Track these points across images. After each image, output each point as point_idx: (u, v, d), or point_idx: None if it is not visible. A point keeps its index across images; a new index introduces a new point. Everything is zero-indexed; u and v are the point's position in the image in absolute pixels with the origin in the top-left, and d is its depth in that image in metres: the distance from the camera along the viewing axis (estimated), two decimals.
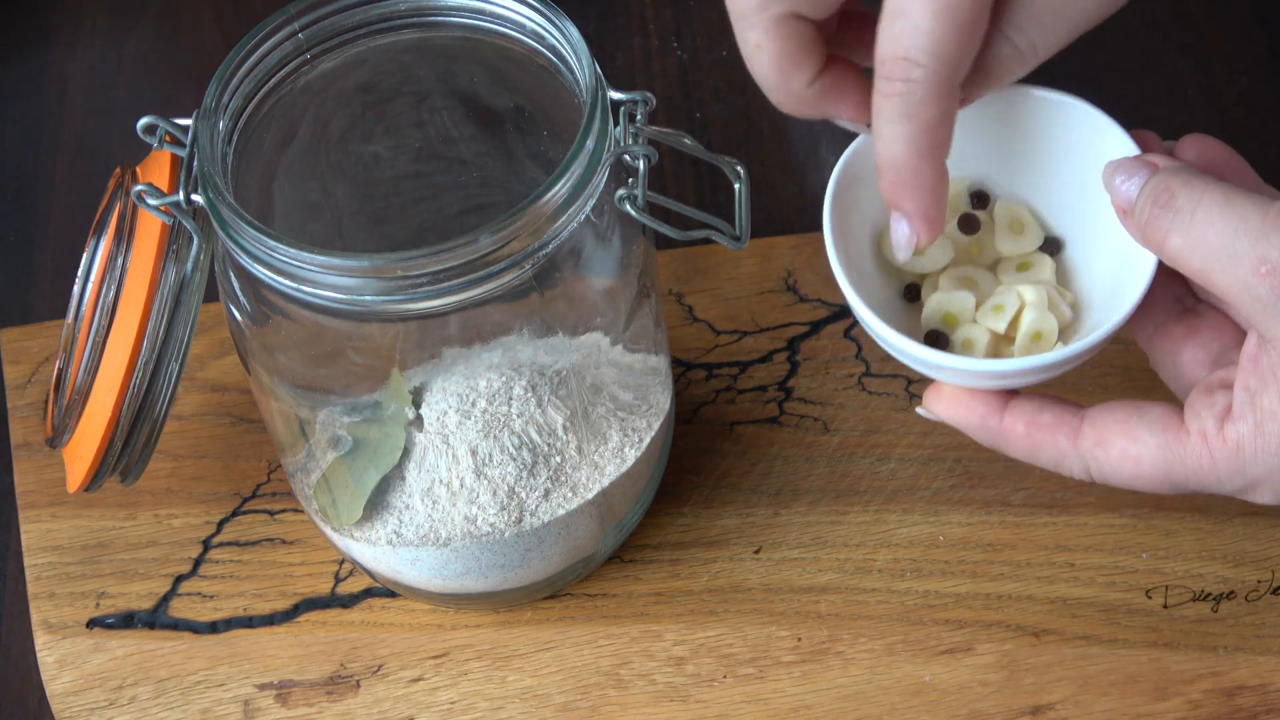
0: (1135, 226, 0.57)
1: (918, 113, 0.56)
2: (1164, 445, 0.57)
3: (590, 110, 0.60)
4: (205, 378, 0.78)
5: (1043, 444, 0.59)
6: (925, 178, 0.57)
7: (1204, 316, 0.59)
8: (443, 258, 0.57)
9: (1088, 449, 0.58)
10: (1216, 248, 0.55)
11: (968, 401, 0.60)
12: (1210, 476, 0.56)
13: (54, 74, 0.91)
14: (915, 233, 0.59)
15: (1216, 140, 0.59)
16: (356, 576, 0.73)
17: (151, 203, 0.62)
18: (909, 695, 0.68)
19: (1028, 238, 0.63)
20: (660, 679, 0.69)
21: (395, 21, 0.65)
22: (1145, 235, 0.57)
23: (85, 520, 0.75)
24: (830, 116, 0.61)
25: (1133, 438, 0.57)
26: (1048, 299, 0.61)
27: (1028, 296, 0.61)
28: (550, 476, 0.66)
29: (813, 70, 0.59)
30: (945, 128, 0.57)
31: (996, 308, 0.61)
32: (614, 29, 0.90)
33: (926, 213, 0.58)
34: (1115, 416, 0.58)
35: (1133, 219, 0.57)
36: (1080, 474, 0.59)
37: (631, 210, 0.61)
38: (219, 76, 0.62)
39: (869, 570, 0.71)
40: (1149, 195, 0.56)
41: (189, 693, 0.70)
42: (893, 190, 0.58)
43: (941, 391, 0.60)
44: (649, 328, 0.67)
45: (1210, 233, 0.55)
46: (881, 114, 0.57)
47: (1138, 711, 0.68)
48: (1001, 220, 0.63)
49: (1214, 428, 0.56)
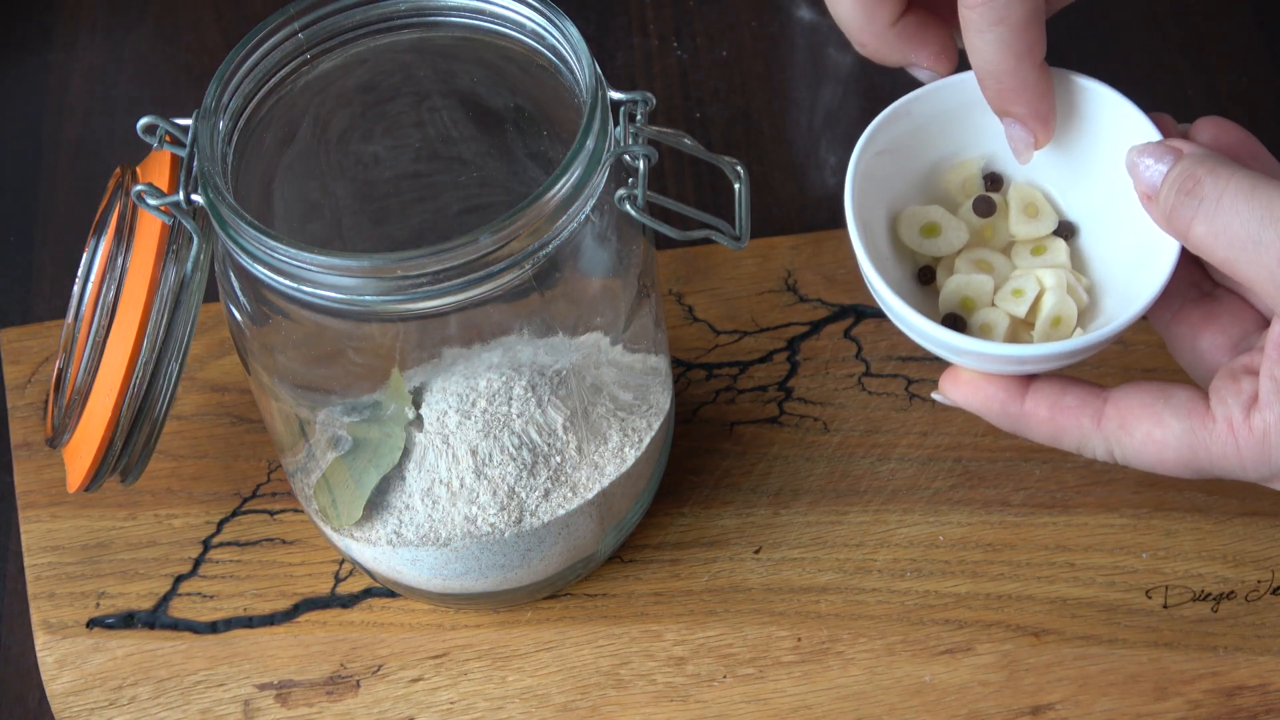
0: (1159, 213, 0.57)
1: (1007, 16, 0.57)
2: (1189, 431, 0.56)
3: (590, 110, 0.60)
4: (205, 378, 0.78)
5: (1066, 427, 0.59)
6: (1028, 78, 0.58)
7: (1223, 301, 0.59)
8: (443, 258, 0.57)
9: (1111, 431, 0.58)
10: (1242, 236, 0.54)
11: (987, 387, 0.59)
12: (1235, 464, 0.56)
13: (54, 74, 0.91)
14: (1031, 133, 0.59)
15: (1232, 123, 0.59)
16: (356, 576, 0.73)
17: (151, 203, 0.62)
18: (909, 695, 0.68)
19: (1042, 221, 0.63)
20: (660, 679, 0.69)
21: (395, 21, 0.65)
22: (1170, 222, 0.56)
23: (85, 520, 0.75)
24: (909, 64, 0.62)
25: (1158, 421, 0.57)
26: (1066, 284, 0.61)
27: (1047, 281, 0.61)
28: (550, 476, 0.66)
29: (896, 9, 0.60)
30: (1037, 27, 0.58)
31: (1016, 291, 0.61)
32: (614, 29, 0.90)
33: (1037, 111, 0.59)
34: (1140, 400, 0.57)
35: (1157, 205, 0.57)
36: (1104, 456, 0.59)
37: (631, 210, 0.61)
38: (219, 76, 0.62)
39: (869, 570, 0.71)
40: (1174, 182, 0.56)
41: (189, 693, 0.70)
42: (999, 98, 0.59)
43: (959, 376, 0.60)
44: (649, 328, 0.67)
45: (1235, 221, 0.54)
46: (971, 27, 0.58)
47: (1138, 711, 0.68)
48: (1016, 203, 0.63)
49: (1240, 416, 0.56)
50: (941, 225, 0.63)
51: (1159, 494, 0.72)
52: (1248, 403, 0.56)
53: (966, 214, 0.63)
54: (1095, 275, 0.62)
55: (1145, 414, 0.57)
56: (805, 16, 0.90)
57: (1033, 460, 0.73)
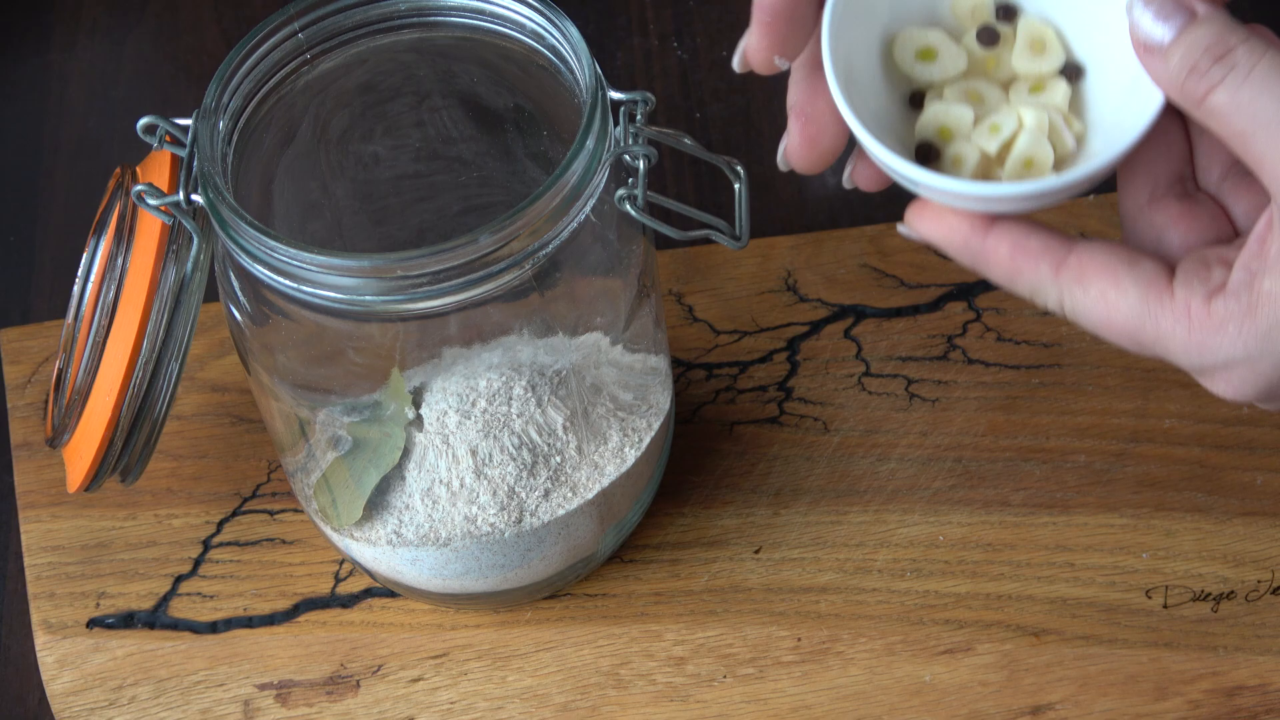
0: (1166, 72, 0.54)
1: None
2: (1143, 300, 0.55)
3: (590, 110, 0.60)
4: (205, 378, 0.78)
5: (1024, 269, 0.56)
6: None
7: (1204, 205, 0.57)
8: (443, 258, 0.57)
9: (1067, 283, 0.56)
10: (1268, 112, 0.52)
11: (951, 219, 0.57)
12: (1179, 346, 0.55)
13: (54, 74, 0.91)
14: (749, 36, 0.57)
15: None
16: (356, 576, 0.73)
17: (151, 203, 0.62)
18: (909, 695, 0.68)
19: (1048, 58, 0.59)
20: (660, 679, 0.69)
21: (395, 21, 0.65)
22: (1183, 86, 0.54)
23: (85, 520, 0.75)
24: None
25: (1115, 282, 0.55)
26: (1049, 125, 0.58)
27: (1027, 120, 0.58)
28: (550, 476, 0.66)
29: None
30: None
31: (993, 127, 0.58)
32: (614, 29, 0.90)
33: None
34: (1105, 258, 0.56)
35: (1164, 63, 0.54)
36: (1054, 306, 0.57)
37: (631, 210, 0.61)
38: (219, 76, 0.62)
39: (869, 570, 0.71)
40: (1201, 45, 0.54)
41: (189, 693, 0.70)
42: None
43: (925, 208, 0.58)
44: (649, 328, 0.67)
45: (1264, 96, 0.52)
46: None
47: (1138, 711, 0.68)
48: (1023, 37, 0.60)
49: (1200, 300, 0.54)
50: (939, 49, 0.59)
51: (1159, 494, 0.72)
52: (1213, 290, 0.54)
53: (970, 43, 0.60)
54: (1093, 122, 0.59)
55: (1105, 273, 0.55)
56: None
57: (1033, 460, 0.73)
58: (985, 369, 0.76)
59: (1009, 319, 0.77)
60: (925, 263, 0.79)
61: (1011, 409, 0.75)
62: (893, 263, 0.79)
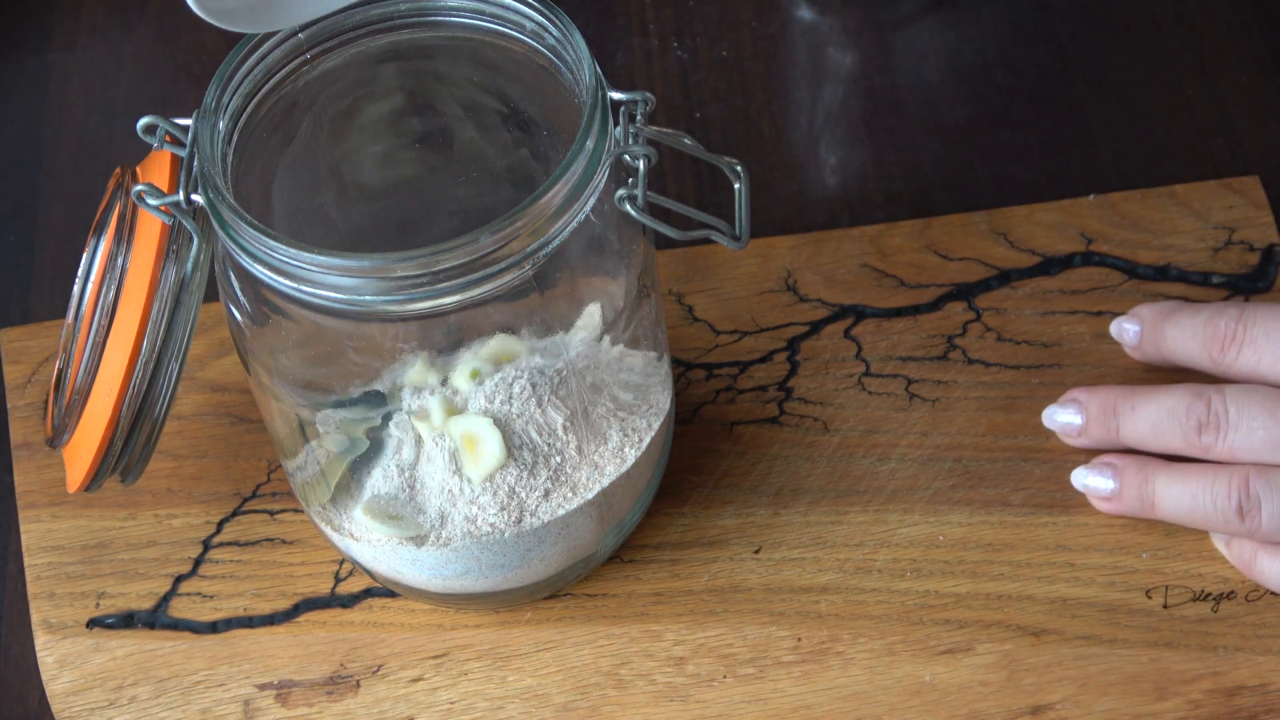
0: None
1: None
2: None
3: (590, 110, 0.60)
4: (205, 378, 0.78)
5: None
6: None
7: None
8: (443, 258, 0.57)
9: None
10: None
11: None
12: None
13: (54, 74, 0.91)
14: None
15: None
16: (356, 576, 0.73)
17: (151, 203, 0.62)
18: (909, 695, 0.68)
19: None
20: (660, 679, 0.69)
21: (395, 21, 0.65)
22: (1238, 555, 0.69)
23: (85, 520, 0.75)
24: None
25: None
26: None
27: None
28: (550, 476, 0.66)
29: None
30: None
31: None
32: (614, 29, 0.90)
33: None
34: None
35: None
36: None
37: (631, 210, 0.61)
38: (219, 76, 0.62)
39: (869, 570, 0.71)
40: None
41: (189, 693, 0.70)
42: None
43: None
44: (649, 328, 0.67)
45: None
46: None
47: (1138, 711, 0.68)
48: None
49: None
50: None
51: None
52: None
53: None
54: None
55: None
56: (805, 16, 0.90)
57: (1033, 460, 0.73)
58: (985, 369, 0.76)
59: (1009, 319, 0.77)
60: (925, 263, 0.79)
61: (1011, 409, 0.75)
62: (893, 263, 0.79)
